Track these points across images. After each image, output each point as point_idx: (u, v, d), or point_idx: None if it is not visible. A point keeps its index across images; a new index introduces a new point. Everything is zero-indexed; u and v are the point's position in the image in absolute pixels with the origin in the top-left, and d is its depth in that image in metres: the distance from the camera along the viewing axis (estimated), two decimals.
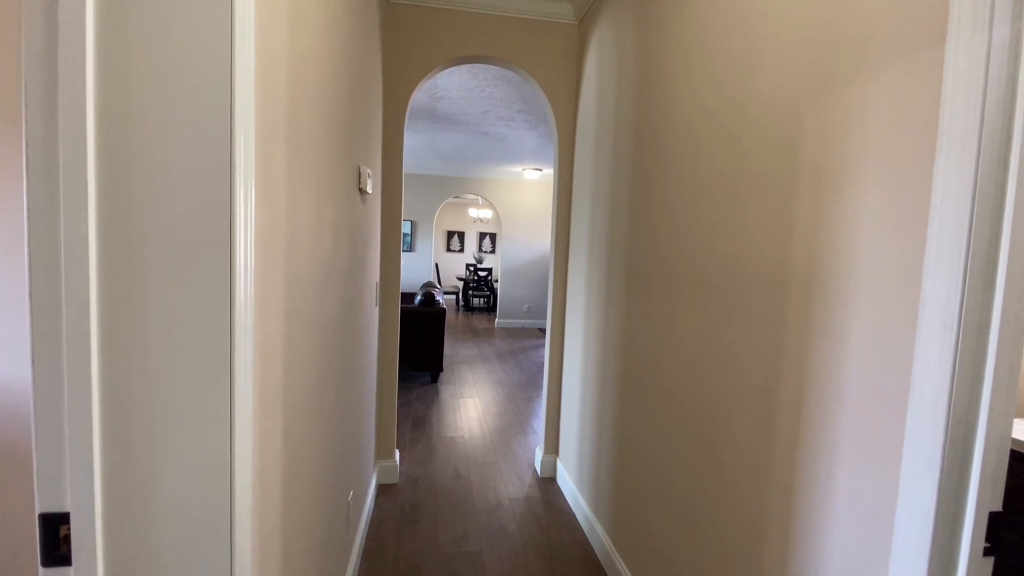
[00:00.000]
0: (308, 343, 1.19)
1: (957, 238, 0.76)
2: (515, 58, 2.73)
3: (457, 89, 3.93)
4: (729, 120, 1.36)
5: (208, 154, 0.65)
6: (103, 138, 0.62)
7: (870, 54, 0.92)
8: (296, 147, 1.04)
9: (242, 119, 0.68)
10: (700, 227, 1.50)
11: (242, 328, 0.69)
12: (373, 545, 2.24)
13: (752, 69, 1.26)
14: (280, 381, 0.97)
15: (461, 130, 5.37)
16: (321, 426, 1.36)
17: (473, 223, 12.06)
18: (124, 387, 0.64)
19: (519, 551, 2.26)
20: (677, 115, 1.66)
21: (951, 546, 0.79)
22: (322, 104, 1.27)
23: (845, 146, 0.97)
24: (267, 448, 0.90)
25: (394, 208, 2.73)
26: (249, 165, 0.70)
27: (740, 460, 1.27)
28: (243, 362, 0.70)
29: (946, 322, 0.77)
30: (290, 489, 1.06)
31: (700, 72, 1.52)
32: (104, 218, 0.62)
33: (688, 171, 1.58)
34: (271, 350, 0.91)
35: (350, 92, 1.65)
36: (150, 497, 0.66)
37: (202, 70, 0.64)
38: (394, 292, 2.77)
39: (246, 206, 0.69)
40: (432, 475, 2.98)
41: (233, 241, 0.66)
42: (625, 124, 2.10)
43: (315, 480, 1.30)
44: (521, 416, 4.12)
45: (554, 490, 2.85)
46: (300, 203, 1.09)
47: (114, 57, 0.62)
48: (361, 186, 1.89)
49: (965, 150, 0.75)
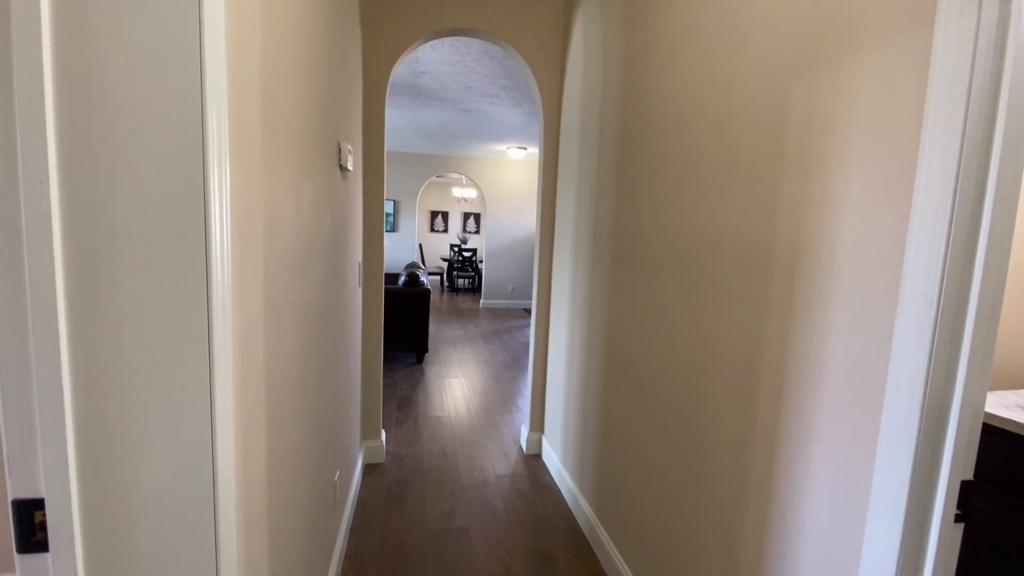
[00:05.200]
0: (290, 324, 1.17)
1: (940, 215, 0.76)
2: (500, 31, 2.66)
3: (440, 64, 3.84)
4: (714, 99, 1.35)
5: (178, 130, 0.62)
6: (63, 115, 0.58)
7: (858, 32, 0.91)
8: (273, 121, 1.00)
9: (214, 90, 0.64)
10: (685, 206, 1.49)
11: (220, 308, 0.67)
12: (360, 524, 2.26)
13: (740, 47, 1.25)
14: (262, 362, 0.95)
15: (444, 107, 5.26)
16: (305, 407, 1.34)
17: (457, 203, 11.95)
18: (96, 369, 0.62)
19: (506, 526, 2.30)
20: (663, 93, 1.64)
21: (924, 513, 0.82)
22: (299, 76, 1.22)
23: (831, 125, 0.97)
24: (250, 430, 0.89)
25: (376, 186, 2.68)
26: (223, 141, 0.67)
27: (721, 435, 1.30)
28: (222, 343, 0.68)
29: (926, 298, 0.78)
30: (275, 469, 1.05)
31: (687, 50, 1.50)
32: (68, 197, 0.59)
33: (673, 150, 1.57)
34: (251, 331, 0.89)
35: (328, 64, 1.60)
36: (129, 481, 0.64)
37: (170, 42, 0.61)
38: (378, 272, 2.74)
39: (221, 184, 0.66)
40: (418, 454, 2.99)
41: (208, 220, 0.64)
42: (611, 102, 2.08)
43: (301, 460, 1.29)
44: (506, 395, 4.15)
45: (540, 467, 2.89)
46: (278, 180, 1.05)
47: (72, 27, 0.58)
48: (341, 163, 1.84)
49: (951, 127, 0.75)
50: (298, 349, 1.25)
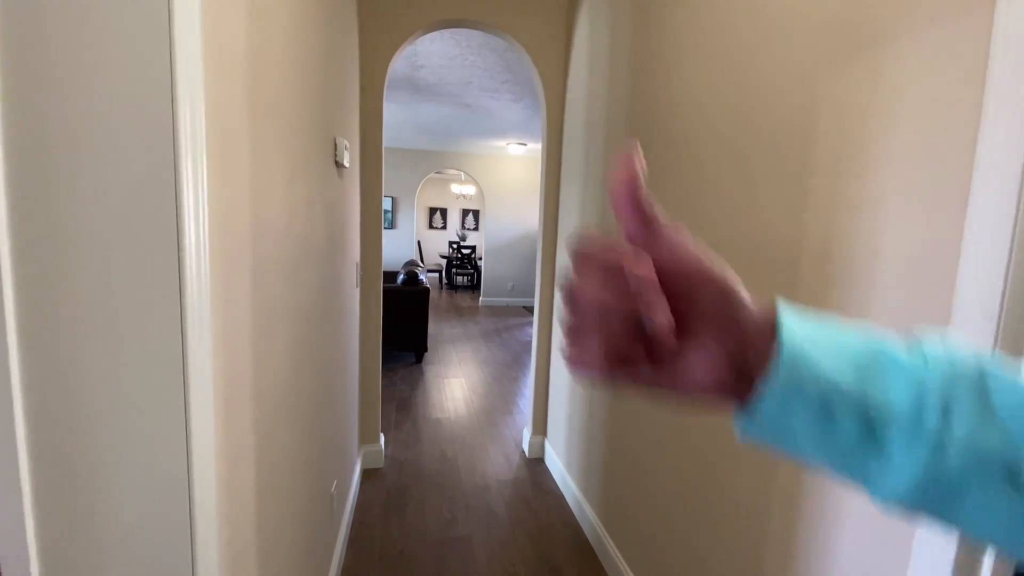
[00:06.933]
0: (282, 331, 1.09)
1: (1003, 215, 0.68)
2: (501, 23, 2.57)
3: (439, 57, 3.75)
4: (736, 92, 1.26)
5: (143, 118, 0.54)
6: (8, 101, 0.50)
7: (907, 12, 0.83)
8: (261, 113, 0.92)
9: (186, 74, 0.56)
10: (706, 204, 1.41)
11: (196, 320, 0.59)
12: (358, 534, 2.18)
13: (769, 34, 1.17)
14: (249, 375, 0.87)
15: (443, 101, 5.17)
16: (299, 417, 1.26)
17: (456, 199, 11.83)
18: (53, 398, 0.54)
19: (509, 535, 2.22)
20: (679, 87, 1.55)
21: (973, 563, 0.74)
22: (291, 66, 1.14)
23: (868, 116, 0.89)
24: (236, 450, 0.81)
25: (374, 183, 2.59)
26: (198, 132, 0.59)
27: (738, 446, 1.22)
28: (199, 359, 0.60)
29: (985, 307, 0.70)
30: (265, 490, 0.97)
31: (707, 38, 1.42)
32: (15, 195, 0.51)
33: (691, 145, 1.49)
34: (237, 342, 0.81)
35: (323, 56, 1.51)
36: (95, 525, 0.56)
37: (132, 21, 0.53)
38: (376, 272, 2.65)
39: (196, 181, 0.58)
40: (418, 458, 2.92)
41: (181, 221, 0.56)
42: (620, 96, 1.99)
43: (294, 476, 1.22)
44: (507, 395, 4.07)
45: (542, 471, 2.82)
46: (269, 177, 0.97)
47: (19, 1, 0.50)
48: (338, 159, 1.75)
49: (1014, 116, 0.67)
50: (291, 359, 1.17)
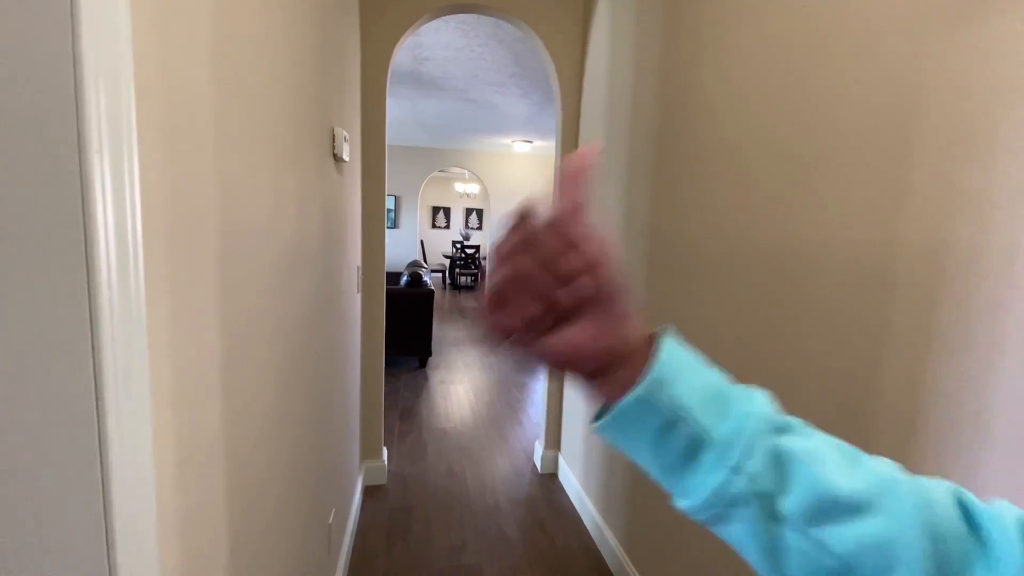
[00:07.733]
0: (265, 355, 0.91)
1: None
2: (514, 8, 2.39)
3: (444, 49, 3.56)
4: (799, 87, 1.08)
5: (22, 88, 0.36)
6: None
7: None
8: (234, 92, 0.74)
9: (97, 30, 0.38)
10: (752, 207, 1.23)
11: (115, 377, 0.41)
12: (359, 561, 2.00)
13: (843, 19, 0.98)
14: (217, 420, 0.69)
15: (447, 96, 4.99)
16: (289, 453, 1.09)
17: (460, 198, 11.64)
18: None
19: (523, 562, 2.05)
20: (720, 86, 1.37)
21: None
22: (276, 43, 0.96)
23: (986, 91, 0.71)
24: (201, 528, 0.63)
25: (377, 180, 2.41)
26: (126, 117, 0.41)
27: None
28: (125, 422, 0.42)
29: None
30: (242, 556, 0.80)
31: (756, 32, 1.23)
32: None
33: (734, 139, 1.30)
34: (197, 386, 0.63)
35: (319, 30, 1.33)
36: None
37: None
38: (378, 276, 2.47)
39: (116, 182, 0.40)
40: (423, 473, 2.74)
41: (90, 237, 0.38)
42: (647, 85, 1.81)
43: (282, 533, 1.04)
44: (515, 403, 3.90)
45: (556, 488, 2.64)
46: (243, 167, 0.79)
47: None
48: (336, 151, 1.58)
49: None
50: (278, 385, 1.00)
